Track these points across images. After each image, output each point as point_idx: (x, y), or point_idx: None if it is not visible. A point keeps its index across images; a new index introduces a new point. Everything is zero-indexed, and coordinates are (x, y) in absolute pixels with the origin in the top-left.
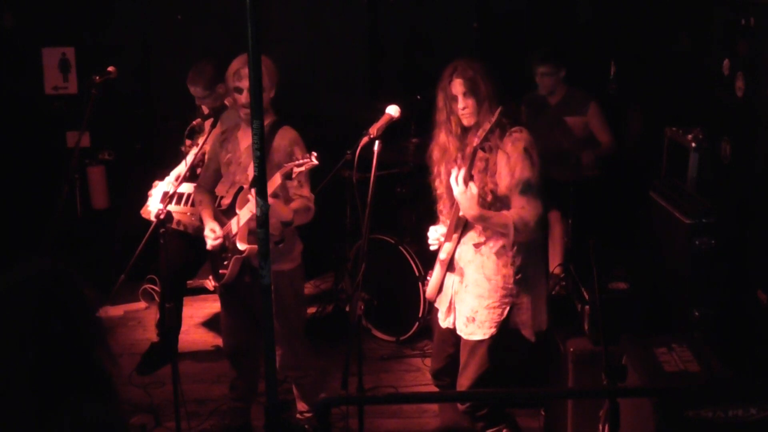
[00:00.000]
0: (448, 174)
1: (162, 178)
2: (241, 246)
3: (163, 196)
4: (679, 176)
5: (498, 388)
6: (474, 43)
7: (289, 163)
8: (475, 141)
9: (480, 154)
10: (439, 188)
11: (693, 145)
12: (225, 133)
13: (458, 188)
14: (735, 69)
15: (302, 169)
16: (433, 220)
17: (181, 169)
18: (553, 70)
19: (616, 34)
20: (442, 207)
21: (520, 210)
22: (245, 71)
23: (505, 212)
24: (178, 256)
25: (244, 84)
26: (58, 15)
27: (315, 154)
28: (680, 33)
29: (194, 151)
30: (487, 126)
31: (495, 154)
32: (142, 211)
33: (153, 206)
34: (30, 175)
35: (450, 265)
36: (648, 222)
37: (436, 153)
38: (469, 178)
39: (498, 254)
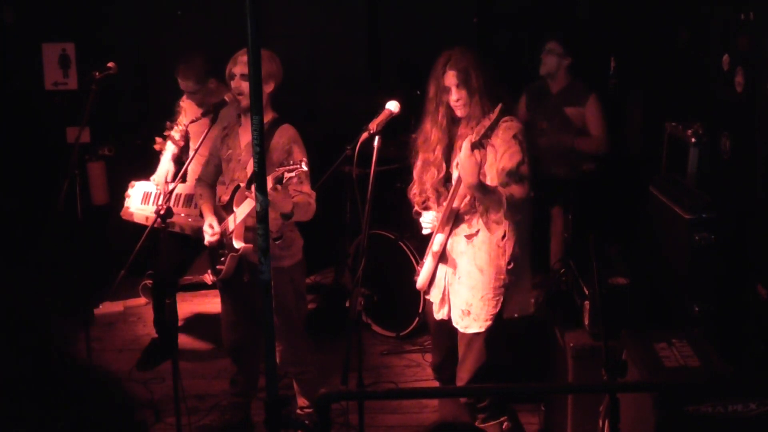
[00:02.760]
0: (424, 162)
1: (142, 178)
2: (237, 244)
3: (145, 197)
4: (678, 171)
5: (497, 383)
6: (474, 38)
7: (281, 168)
8: (473, 137)
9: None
10: (414, 174)
11: (693, 140)
12: (226, 129)
13: (464, 153)
14: (734, 64)
15: (292, 175)
16: None
17: (164, 167)
18: (560, 50)
19: (615, 30)
20: (415, 191)
21: (511, 188)
22: (243, 58)
23: (499, 188)
24: (169, 255)
25: (237, 70)
26: (59, 11)
27: (305, 161)
28: (680, 28)
29: (171, 148)
30: (487, 123)
31: (485, 149)
32: (122, 213)
33: (134, 207)
34: (30, 170)
35: (442, 256)
36: (648, 217)
37: (419, 140)
38: (478, 144)
39: (490, 245)
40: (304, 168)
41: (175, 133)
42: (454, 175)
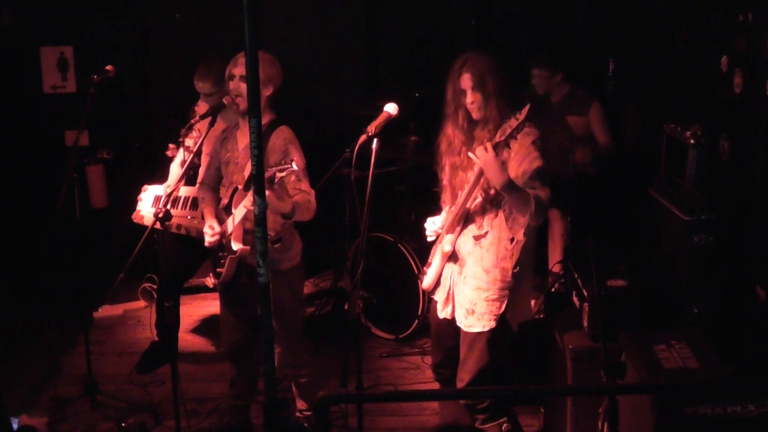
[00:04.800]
0: (451, 167)
1: (153, 181)
2: (235, 246)
3: (156, 200)
4: (677, 173)
5: (497, 385)
6: (472, 40)
7: (272, 168)
8: (498, 136)
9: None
10: (444, 180)
11: (691, 141)
12: (225, 132)
13: (487, 155)
14: (733, 65)
15: (284, 174)
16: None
17: (175, 173)
18: (545, 73)
19: (614, 31)
20: (445, 198)
21: (536, 191)
22: (243, 60)
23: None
24: (175, 258)
25: (237, 71)
26: (57, 14)
27: (296, 160)
28: (678, 30)
29: (181, 153)
30: (514, 123)
31: (501, 152)
32: (133, 216)
33: (145, 210)
34: (29, 174)
35: (449, 256)
36: (647, 219)
37: (443, 145)
38: (498, 147)
39: (498, 247)
40: (294, 167)
41: (189, 141)
42: (468, 175)
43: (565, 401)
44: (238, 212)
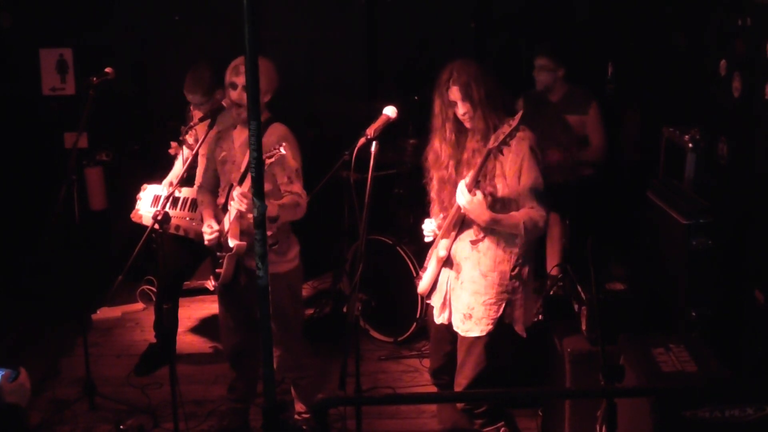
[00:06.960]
0: (439, 180)
1: (152, 181)
2: (231, 243)
3: (155, 200)
4: (676, 176)
5: (495, 388)
6: (471, 43)
7: None
8: (491, 143)
9: (479, 159)
10: (432, 193)
11: (690, 145)
12: (220, 132)
13: (465, 197)
14: (731, 69)
15: (272, 160)
16: None
17: (176, 172)
18: (550, 65)
19: (613, 35)
20: (434, 211)
21: (530, 210)
22: (244, 68)
23: (514, 213)
24: (174, 259)
25: (239, 80)
26: (56, 16)
27: (284, 144)
28: (677, 33)
29: (183, 153)
30: (507, 129)
31: (495, 158)
32: (132, 215)
33: (144, 209)
34: (28, 176)
35: (446, 261)
36: (645, 222)
37: (430, 158)
38: (475, 182)
39: (495, 251)
40: (283, 151)
41: (190, 138)
42: (461, 183)
43: (563, 404)
44: (232, 208)
